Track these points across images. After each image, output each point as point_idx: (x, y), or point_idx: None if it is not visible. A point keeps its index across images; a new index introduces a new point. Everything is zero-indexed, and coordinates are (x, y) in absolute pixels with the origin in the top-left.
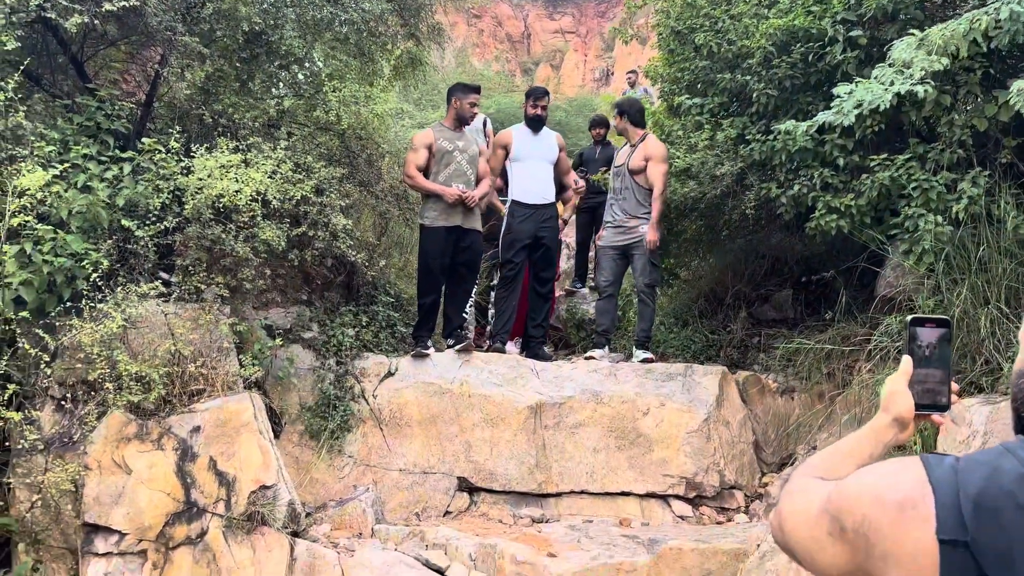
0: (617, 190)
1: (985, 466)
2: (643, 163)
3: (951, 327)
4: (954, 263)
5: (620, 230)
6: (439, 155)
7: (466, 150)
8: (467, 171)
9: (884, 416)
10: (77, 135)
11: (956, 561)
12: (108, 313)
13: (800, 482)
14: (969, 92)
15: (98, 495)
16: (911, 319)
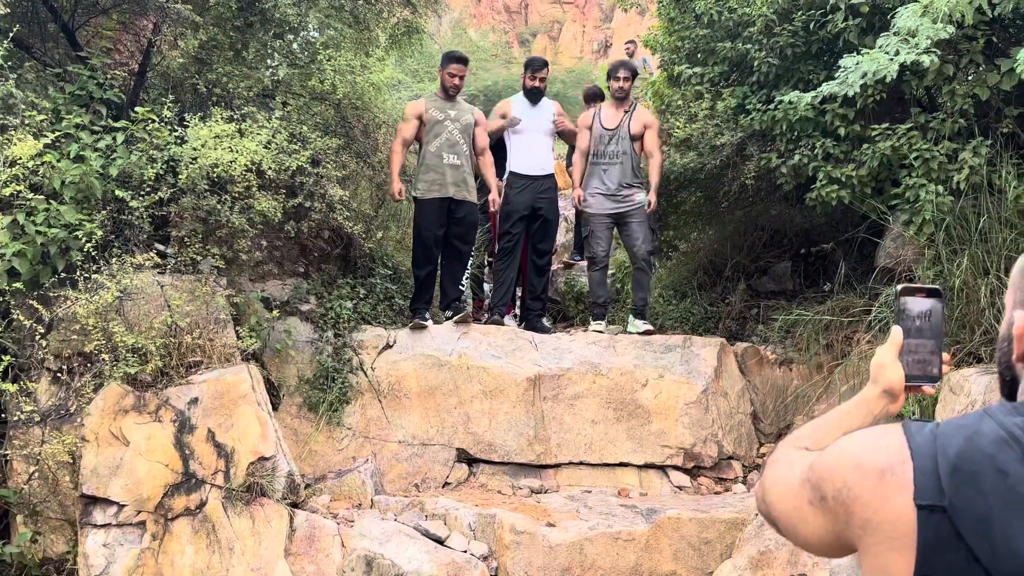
0: (611, 154)
1: (964, 429)
2: (642, 129)
3: (943, 296)
4: (954, 233)
5: (614, 198)
6: (429, 124)
7: (458, 119)
8: (459, 140)
9: (874, 387)
10: (69, 104)
11: (933, 526)
12: (103, 284)
13: (784, 452)
14: (971, 61)
15: (96, 467)
16: (901, 288)
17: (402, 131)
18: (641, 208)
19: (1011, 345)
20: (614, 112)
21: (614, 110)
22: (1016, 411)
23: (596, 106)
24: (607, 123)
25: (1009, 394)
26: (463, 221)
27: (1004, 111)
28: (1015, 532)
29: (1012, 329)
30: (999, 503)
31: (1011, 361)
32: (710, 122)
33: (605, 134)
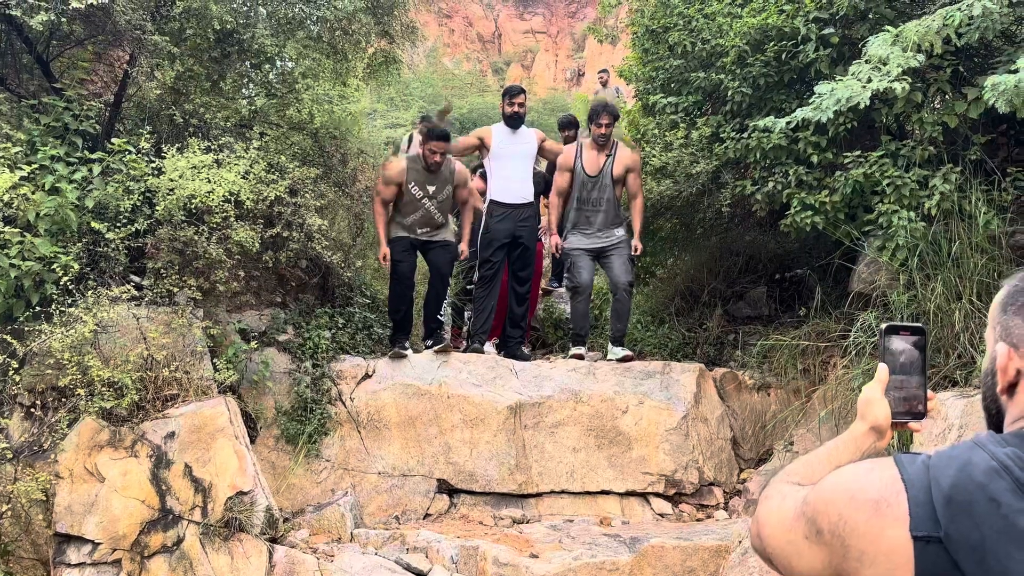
0: (595, 201)
1: (956, 460)
2: (624, 172)
3: (926, 335)
4: (927, 259)
5: (597, 237)
6: (407, 197)
7: (437, 195)
8: (435, 216)
9: (861, 424)
10: (44, 136)
11: (930, 557)
12: (79, 318)
13: (776, 488)
14: (939, 90)
15: (70, 504)
16: (885, 327)
17: (382, 193)
18: (622, 242)
19: (995, 378)
20: (595, 156)
21: (595, 154)
22: (1005, 441)
23: (576, 144)
24: (589, 169)
25: (995, 428)
26: (439, 249)
27: (972, 139)
28: (1009, 561)
29: (995, 362)
30: (992, 532)
31: (996, 394)
32: (685, 151)
33: (588, 181)
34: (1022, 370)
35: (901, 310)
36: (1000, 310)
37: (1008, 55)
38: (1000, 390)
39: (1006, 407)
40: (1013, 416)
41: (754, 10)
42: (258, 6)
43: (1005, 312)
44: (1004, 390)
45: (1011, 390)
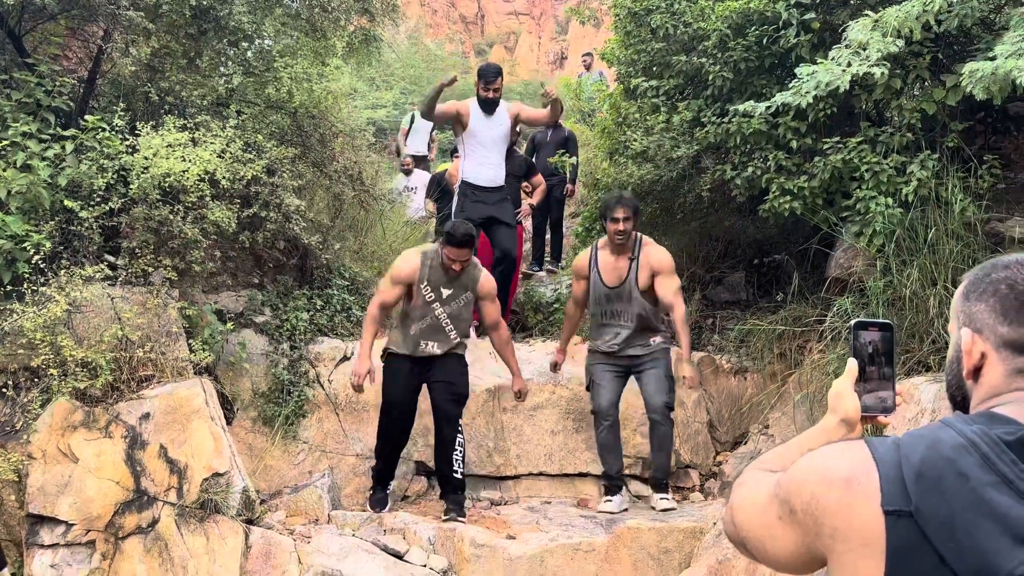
0: (618, 315)
1: (925, 439)
2: (651, 279)
3: (893, 330)
4: (904, 245)
5: (623, 356)
6: (417, 301)
7: (451, 301)
8: (445, 327)
9: (832, 417)
10: (16, 112)
11: (901, 531)
12: (51, 297)
13: (750, 475)
14: (918, 76)
15: (43, 485)
16: (855, 323)
17: (383, 294)
18: (659, 351)
19: (960, 364)
20: (614, 262)
21: (614, 259)
22: (972, 420)
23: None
24: (608, 278)
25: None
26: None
27: (950, 126)
28: (978, 533)
29: (959, 349)
30: (961, 505)
31: (961, 379)
32: (666, 135)
33: (608, 294)
34: (986, 353)
35: (877, 296)
36: (963, 298)
37: (986, 43)
38: (965, 374)
39: (971, 391)
40: (978, 398)
41: None
42: None
43: (968, 299)
44: (969, 374)
45: (976, 374)
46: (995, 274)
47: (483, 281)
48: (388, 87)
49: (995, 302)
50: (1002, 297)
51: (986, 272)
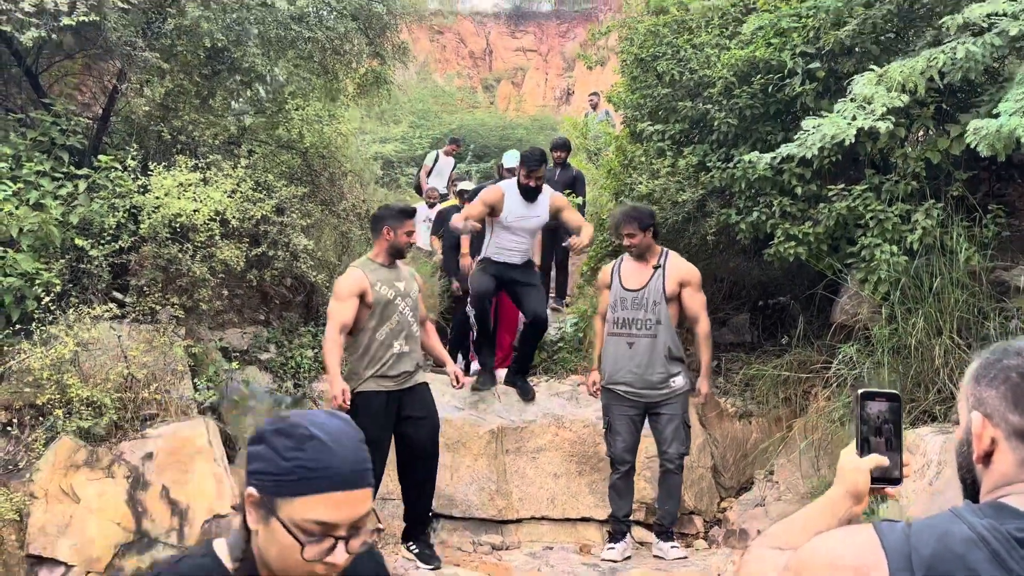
0: (638, 324)
1: (935, 530)
2: (678, 288)
3: (900, 401)
4: (909, 293)
5: (644, 384)
6: (379, 305)
7: (408, 293)
8: (411, 323)
9: (839, 488)
10: (30, 150)
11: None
12: (59, 337)
13: (756, 552)
14: (922, 125)
15: (44, 525)
16: (861, 393)
17: (340, 315)
18: (677, 395)
19: (970, 447)
20: (638, 268)
21: (637, 265)
22: (982, 512)
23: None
24: (628, 282)
25: (971, 497)
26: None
27: (954, 175)
28: None
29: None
30: None
31: (971, 463)
32: (672, 179)
33: (626, 297)
34: (996, 439)
35: (883, 343)
36: (973, 381)
37: (990, 95)
38: (976, 458)
39: (981, 476)
40: (989, 486)
41: (742, 42)
42: (249, 25)
43: (978, 383)
44: (980, 459)
45: (986, 459)
46: (1006, 360)
47: (416, 274)
48: (396, 121)
49: (1006, 390)
50: (1013, 385)
51: (997, 358)
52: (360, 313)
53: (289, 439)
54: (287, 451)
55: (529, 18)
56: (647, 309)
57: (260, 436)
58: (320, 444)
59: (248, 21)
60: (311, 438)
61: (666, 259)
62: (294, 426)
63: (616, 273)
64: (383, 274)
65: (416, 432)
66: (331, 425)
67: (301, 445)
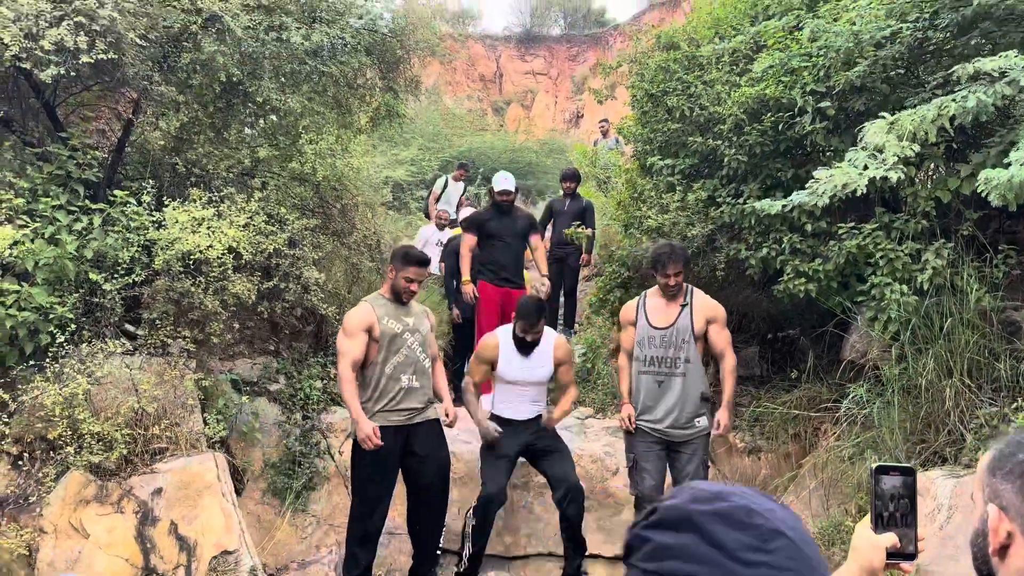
0: (667, 363)
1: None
2: (706, 325)
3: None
4: (919, 333)
5: (672, 424)
6: (386, 339)
7: (417, 328)
8: (420, 358)
9: (853, 566)
10: (47, 184)
11: None
12: (72, 376)
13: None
14: (932, 164)
15: (53, 560)
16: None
17: (350, 352)
18: (702, 438)
19: (986, 539)
20: (664, 305)
21: (664, 302)
22: None
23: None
24: (656, 319)
25: None
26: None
27: (964, 214)
28: None
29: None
30: None
31: (987, 555)
32: (681, 213)
33: (655, 335)
34: (1013, 533)
35: (892, 383)
36: (989, 473)
37: (1000, 135)
38: (992, 551)
39: (997, 569)
40: None
41: (752, 80)
42: (264, 60)
43: (994, 476)
44: (996, 551)
45: (1002, 552)
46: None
47: (428, 311)
48: (407, 145)
49: (1022, 484)
50: None
51: (1013, 450)
52: (369, 347)
53: (743, 532)
54: (744, 551)
55: (539, 41)
56: (676, 347)
57: (677, 520)
58: (790, 545)
59: (263, 55)
60: (778, 534)
61: (692, 296)
62: (745, 511)
63: (642, 310)
64: (391, 309)
65: (424, 469)
66: (782, 513)
67: (766, 544)
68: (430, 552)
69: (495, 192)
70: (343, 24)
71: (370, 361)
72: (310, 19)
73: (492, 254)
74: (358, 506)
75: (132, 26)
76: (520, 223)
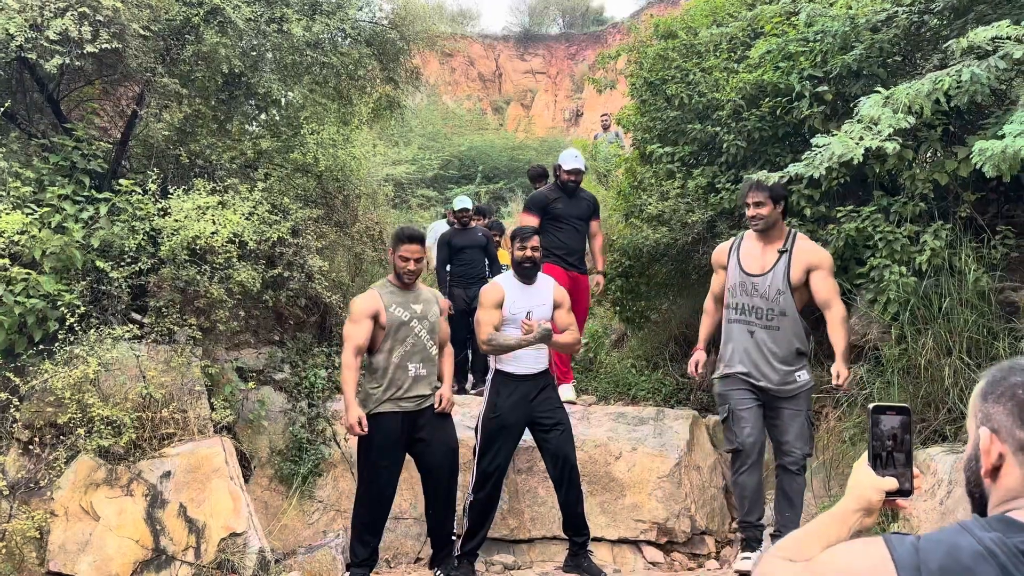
0: (760, 314)
1: (944, 544)
2: (805, 275)
3: (911, 414)
4: (918, 313)
5: (764, 377)
6: (392, 327)
7: (425, 315)
8: (427, 345)
9: (851, 503)
10: (53, 175)
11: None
12: (81, 357)
13: (769, 564)
14: (930, 147)
15: (64, 543)
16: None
17: (353, 337)
18: (803, 391)
19: (978, 462)
20: (761, 249)
21: (760, 247)
22: (990, 526)
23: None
24: (749, 265)
25: (980, 511)
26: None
27: (962, 196)
28: None
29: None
30: None
31: (979, 477)
32: (681, 200)
33: (746, 282)
34: (1004, 454)
35: (892, 364)
36: (981, 399)
37: (997, 117)
38: (984, 472)
39: (989, 491)
40: (996, 500)
41: (750, 66)
42: (265, 51)
43: (986, 400)
44: (988, 473)
45: (994, 473)
46: (1013, 378)
47: (439, 296)
48: (407, 143)
49: (1013, 406)
50: (1020, 402)
51: (1004, 375)
52: (376, 335)
53: None
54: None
55: (538, 40)
56: (768, 299)
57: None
58: None
59: (264, 47)
60: None
61: (793, 242)
62: None
63: (735, 252)
64: (399, 296)
65: (431, 455)
66: None
67: None
68: (444, 536)
69: (564, 170)
70: (343, 15)
71: (377, 349)
72: (311, 11)
73: (560, 237)
74: (364, 491)
75: (135, 17)
76: (585, 205)
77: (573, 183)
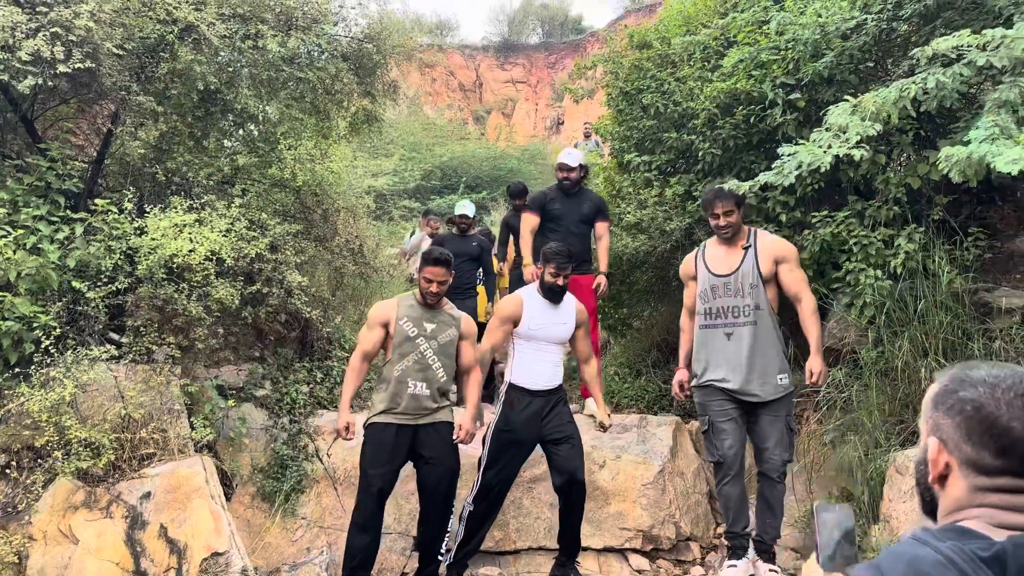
0: (732, 313)
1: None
2: (774, 266)
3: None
4: (894, 316)
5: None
6: (398, 340)
7: (436, 336)
8: (432, 364)
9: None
10: (27, 195)
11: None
12: (58, 380)
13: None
14: (902, 152)
15: (43, 567)
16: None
17: (363, 342)
18: (784, 397)
19: (927, 467)
20: (725, 251)
21: (724, 250)
22: (944, 536)
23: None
24: (717, 267)
25: (930, 511)
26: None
27: (935, 199)
28: None
29: (927, 453)
30: None
31: (928, 483)
32: (659, 208)
33: (717, 284)
34: (951, 464)
35: (870, 367)
36: (932, 406)
37: (966, 121)
38: (931, 480)
39: (939, 496)
40: (945, 508)
41: (723, 75)
42: (241, 68)
43: (936, 409)
44: (935, 480)
45: (942, 481)
46: (963, 392)
47: (467, 320)
48: (388, 155)
49: (961, 421)
50: (967, 418)
51: (956, 387)
52: (387, 344)
53: None
54: None
55: (518, 50)
56: (743, 294)
57: None
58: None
59: (240, 63)
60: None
61: (756, 238)
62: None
63: (701, 260)
64: (416, 311)
65: (429, 474)
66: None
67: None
68: (433, 555)
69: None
70: (319, 30)
71: (387, 359)
72: (286, 26)
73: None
74: (359, 495)
75: (109, 36)
76: (587, 206)
77: (566, 181)
